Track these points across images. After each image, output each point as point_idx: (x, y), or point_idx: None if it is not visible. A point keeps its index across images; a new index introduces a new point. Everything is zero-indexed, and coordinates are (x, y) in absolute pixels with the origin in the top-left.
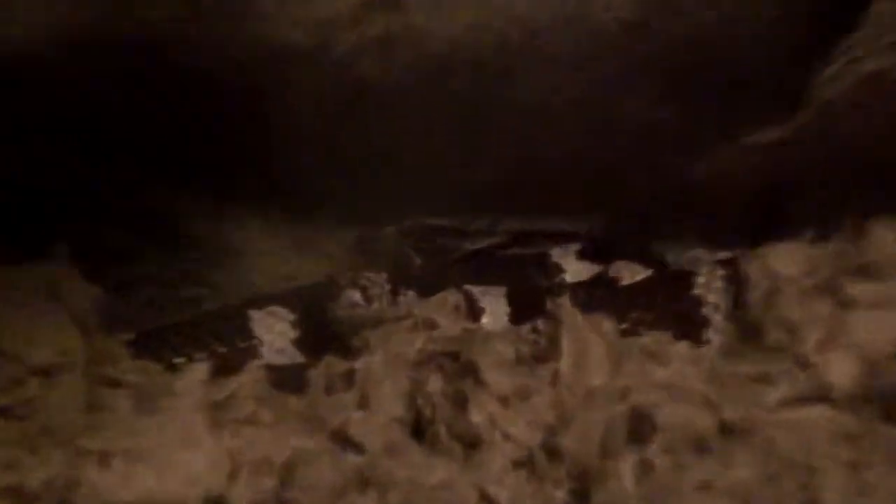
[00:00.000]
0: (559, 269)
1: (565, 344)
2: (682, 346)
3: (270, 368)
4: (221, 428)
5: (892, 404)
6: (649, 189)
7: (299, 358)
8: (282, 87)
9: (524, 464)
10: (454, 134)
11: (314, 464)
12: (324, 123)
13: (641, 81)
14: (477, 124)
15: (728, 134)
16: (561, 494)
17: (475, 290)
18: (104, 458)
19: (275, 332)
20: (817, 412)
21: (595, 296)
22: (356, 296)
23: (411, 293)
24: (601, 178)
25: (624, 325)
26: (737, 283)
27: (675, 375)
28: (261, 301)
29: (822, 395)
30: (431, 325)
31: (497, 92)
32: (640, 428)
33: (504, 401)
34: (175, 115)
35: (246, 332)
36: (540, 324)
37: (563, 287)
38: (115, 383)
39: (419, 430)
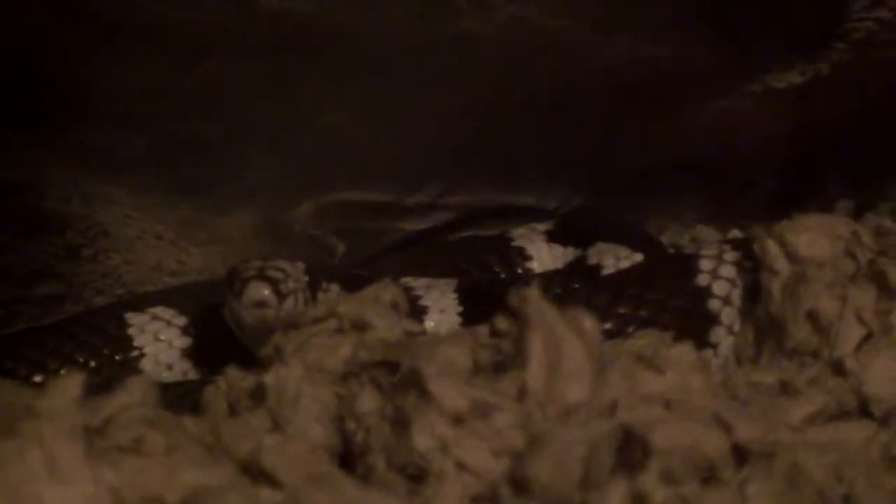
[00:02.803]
0: (524, 255)
1: (534, 349)
2: (684, 350)
3: (157, 385)
4: (99, 458)
5: None
6: (642, 148)
7: (192, 373)
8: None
9: (485, 500)
10: (385, 81)
11: (219, 502)
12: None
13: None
14: (417, 62)
15: (750, 74)
16: None
17: (417, 282)
18: None
19: (160, 341)
20: (855, 430)
21: (571, 288)
22: (264, 291)
23: (334, 287)
24: (579, 135)
25: (608, 325)
26: (751, 269)
27: (674, 387)
28: (141, 301)
29: (860, 410)
30: (361, 326)
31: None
32: (630, 452)
33: (458, 421)
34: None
35: (123, 342)
36: (501, 324)
37: (529, 277)
38: None
39: (349, 459)
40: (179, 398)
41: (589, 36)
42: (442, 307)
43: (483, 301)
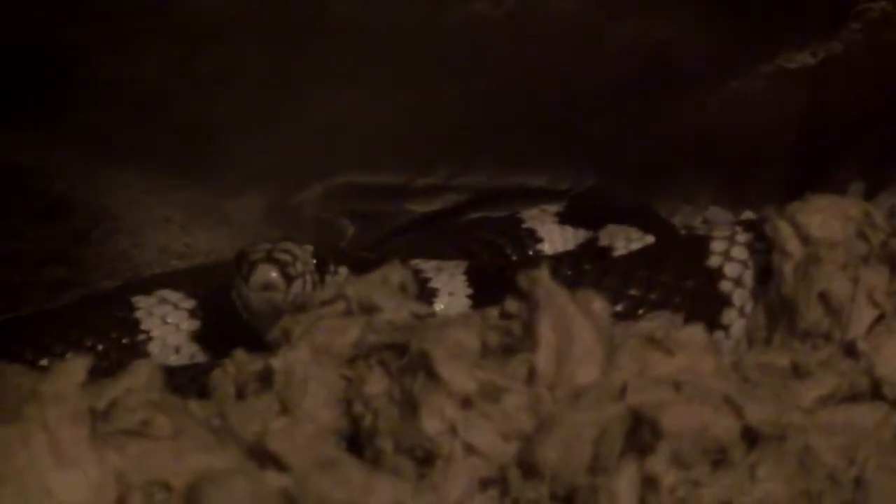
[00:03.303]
0: (534, 237)
1: (544, 331)
2: (695, 332)
3: (164, 368)
4: (104, 443)
5: None
6: (653, 129)
7: (199, 356)
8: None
9: (494, 483)
10: (394, 63)
11: (225, 486)
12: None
13: None
14: (427, 44)
15: (762, 55)
16: None
17: (426, 265)
18: None
19: (168, 324)
20: (866, 413)
21: (581, 270)
22: (272, 274)
23: (343, 270)
24: (590, 117)
25: (619, 307)
26: (763, 250)
27: (685, 369)
28: (149, 284)
29: (872, 392)
30: (370, 309)
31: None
32: (640, 435)
33: (466, 403)
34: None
35: (131, 325)
36: (511, 306)
37: (539, 259)
38: None
39: (357, 442)
40: (186, 382)
41: (599, 17)
42: (451, 289)
43: (493, 283)
